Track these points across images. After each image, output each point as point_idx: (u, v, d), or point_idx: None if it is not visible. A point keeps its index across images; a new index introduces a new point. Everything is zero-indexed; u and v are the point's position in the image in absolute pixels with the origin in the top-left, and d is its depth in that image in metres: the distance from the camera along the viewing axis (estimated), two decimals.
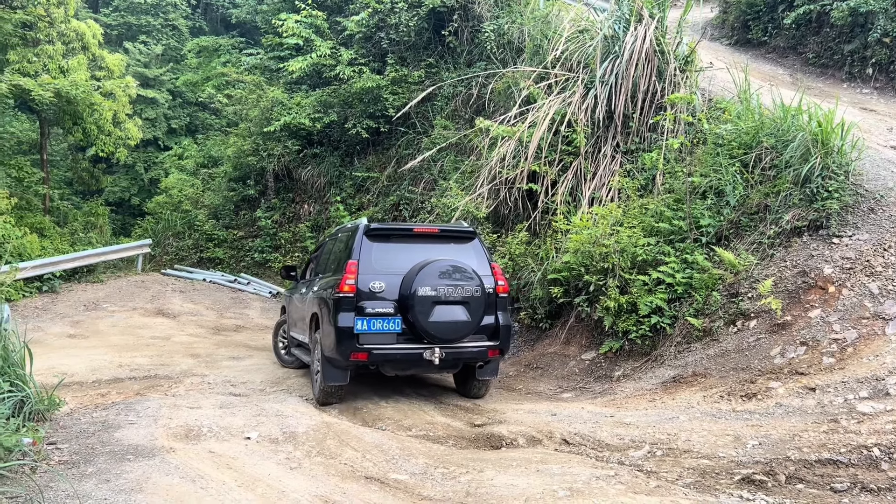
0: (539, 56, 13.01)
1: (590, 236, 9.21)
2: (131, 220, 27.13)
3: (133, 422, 7.51)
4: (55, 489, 5.36)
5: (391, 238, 7.80)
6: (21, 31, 21.27)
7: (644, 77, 11.03)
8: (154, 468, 6.00)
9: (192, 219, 21.14)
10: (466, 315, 7.40)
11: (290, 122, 17.95)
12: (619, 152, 11.12)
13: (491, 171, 11.73)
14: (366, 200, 17.61)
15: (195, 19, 34.70)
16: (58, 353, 11.07)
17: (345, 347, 7.30)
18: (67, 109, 20.83)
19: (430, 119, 16.35)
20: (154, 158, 29.56)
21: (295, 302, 9.77)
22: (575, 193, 10.99)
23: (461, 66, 16.50)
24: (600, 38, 11.50)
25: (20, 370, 7.25)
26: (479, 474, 5.71)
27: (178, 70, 31.84)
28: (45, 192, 22.28)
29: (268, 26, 21.86)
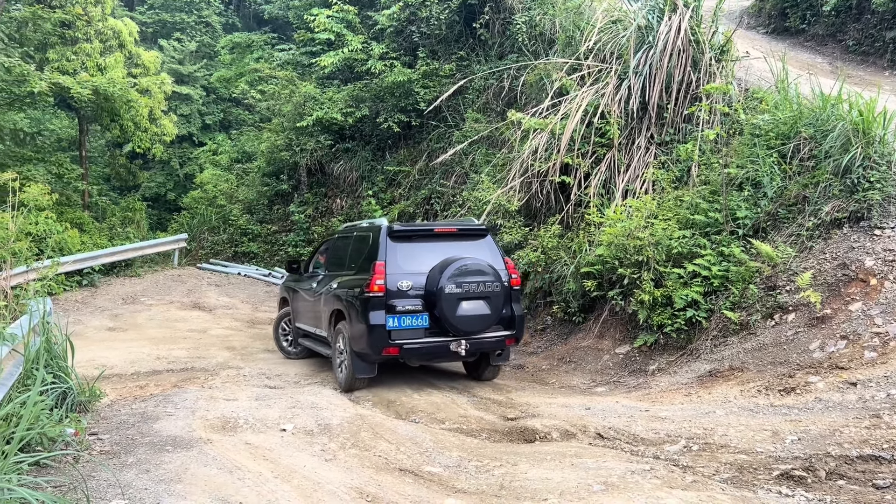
0: (571, 47, 12.89)
1: (624, 229, 9.12)
2: (167, 215, 27.56)
3: (171, 413, 7.64)
4: (97, 478, 5.49)
5: (413, 238, 8.24)
6: (60, 30, 21.71)
7: (679, 67, 10.87)
8: (192, 459, 6.11)
9: (227, 213, 21.41)
10: (488, 309, 7.92)
11: (322, 116, 18.06)
12: (653, 144, 10.99)
13: (523, 164, 11.67)
14: (397, 194, 17.66)
15: (228, 16, 35.05)
16: (98, 346, 11.30)
17: (377, 343, 7.73)
18: (105, 106, 21.20)
19: (462, 112, 16.32)
20: (189, 154, 29.95)
21: (303, 296, 10.02)
22: (608, 186, 10.89)
23: (492, 58, 16.43)
24: (634, 28, 11.36)
25: (62, 362, 7.43)
26: (513, 468, 5.70)
27: (211, 66, 32.20)
28: (85, 188, 22.74)
29: (299, 22, 21.99)
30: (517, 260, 11.17)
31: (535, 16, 14.71)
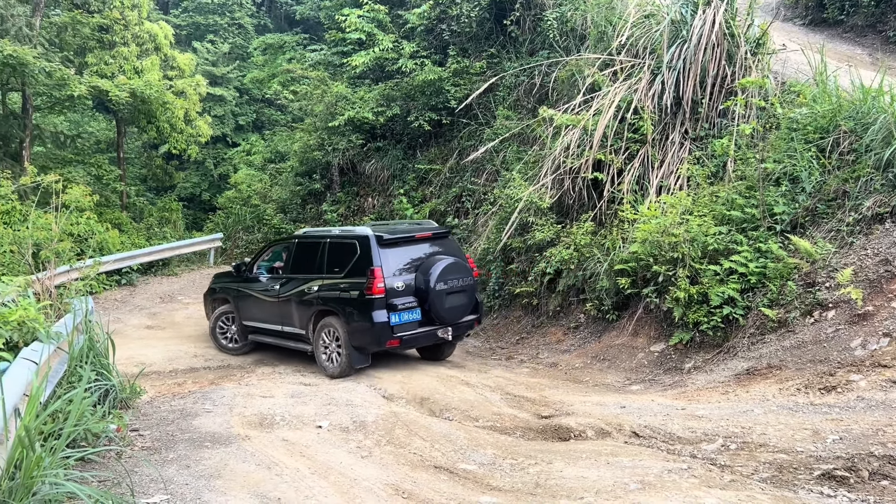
0: (603, 43, 12.78)
1: (658, 225, 9.03)
2: (202, 214, 27.97)
3: (209, 410, 7.78)
4: (139, 473, 5.61)
5: (397, 244, 9.26)
6: (98, 34, 22.17)
7: (713, 61, 10.72)
8: (231, 455, 6.21)
9: (261, 213, 21.65)
10: (466, 300, 9.52)
11: (353, 116, 18.14)
12: (687, 139, 10.85)
13: (555, 161, 11.61)
14: (428, 193, 17.68)
15: (260, 17, 35.42)
16: (136, 344, 11.53)
17: (382, 337, 8.88)
18: (142, 109, 21.61)
19: (493, 110, 16.28)
20: (223, 155, 30.36)
21: (257, 297, 10.70)
22: (642, 182, 10.78)
23: (523, 55, 16.35)
24: (667, 22, 11.22)
25: (105, 360, 7.61)
26: (548, 466, 5.70)
27: (244, 68, 32.57)
28: (123, 189, 23.21)
29: (330, 22, 22.11)
30: (549, 257, 11.14)
31: (567, 11, 14.61)
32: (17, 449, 3.89)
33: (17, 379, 4.72)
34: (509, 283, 12.50)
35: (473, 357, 10.86)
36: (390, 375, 9.12)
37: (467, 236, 15.28)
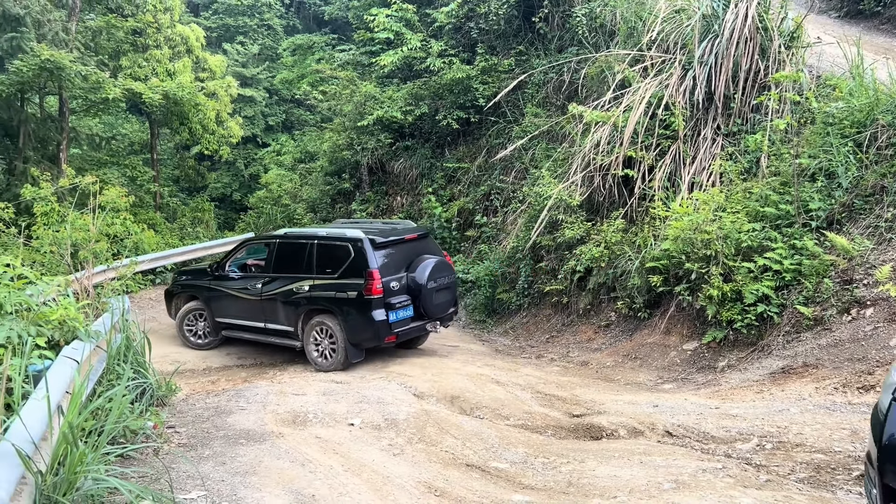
0: (633, 38, 12.68)
1: (691, 222, 8.94)
2: (234, 214, 28.31)
3: (243, 408, 7.87)
4: (177, 470, 5.70)
5: (387, 245, 9.75)
6: (132, 37, 22.54)
7: (746, 56, 10.57)
8: (265, 452, 6.29)
9: (292, 212, 21.85)
10: (451, 295, 10.41)
11: (382, 115, 18.23)
12: (719, 135, 10.72)
13: (584, 158, 11.55)
14: (456, 191, 17.69)
15: (289, 18, 35.71)
16: (171, 342, 11.70)
17: (381, 334, 9.44)
18: (175, 110, 21.94)
19: (521, 107, 16.24)
20: (253, 155, 30.68)
21: (234, 294, 10.97)
22: (673, 179, 10.68)
23: (552, 52, 16.28)
24: (698, 17, 11.09)
25: (141, 358, 7.74)
26: (581, 465, 5.68)
27: (273, 68, 32.88)
28: (156, 190, 23.59)
29: (359, 22, 22.23)
30: (580, 255, 11.09)
31: (596, 7, 14.51)
32: (61, 445, 3.99)
33: (60, 377, 4.84)
34: (539, 282, 12.47)
35: (503, 355, 10.86)
36: (420, 373, 9.16)
37: (496, 234, 15.27)
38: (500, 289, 13.33)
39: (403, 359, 10.01)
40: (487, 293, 13.53)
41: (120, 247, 11.50)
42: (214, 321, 11.29)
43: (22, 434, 3.77)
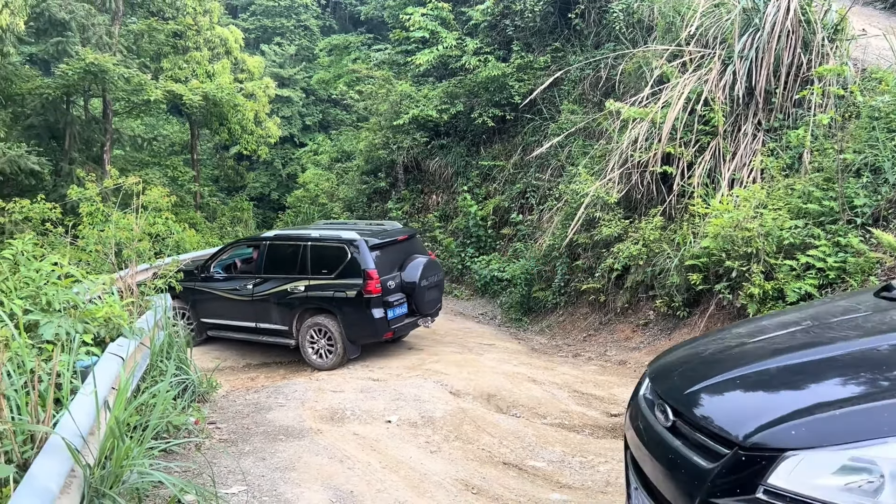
0: (671, 34, 12.50)
1: (731, 220, 8.78)
2: (271, 213, 28.69)
3: (282, 404, 7.98)
4: (218, 465, 5.81)
5: (381, 246, 10.07)
6: (172, 40, 22.97)
7: (787, 50, 10.34)
8: (304, 448, 6.37)
9: (329, 211, 22.07)
10: (438, 293, 10.98)
11: (418, 114, 18.30)
12: (760, 130, 10.51)
13: (622, 155, 11.43)
14: (492, 189, 17.67)
15: (325, 18, 36.05)
16: (211, 340, 11.88)
17: (380, 331, 9.86)
18: (214, 111, 22.32)
19: (557, 104, 16.14)
20: (290, 155, 31.06)
21: (223, 295, 11.19)
22: (713, 175, 10.51)
23: (588, 48, 16.16)
24: (738, 10, 10.89)
25: (183, 355, 7.89)
26: (619, 464, 5.63)
27: (310, 69, 33.21)
28: (197, 190, 24.01)
29: (394, 21, 22.34)
30: (617, 253, 10.99)
31: (633, 3, 14.35)
32: (108, 439, 4.10)
33: (107, 373, 4.96)
34: (575, 280, 12.39)
35: (539, 354, 10.82)
36: (456, 371, 9.17)
37: (532, 232, 15.21)
38: (536, 287, 13.28)
39: (439, 357, 10.05)
40: (523, 291, 13.49)
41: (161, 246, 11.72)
42: (199, 321, 11.54)
43: (71, 428, 3.88)
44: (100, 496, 3.93)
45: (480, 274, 15.61)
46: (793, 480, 2.27)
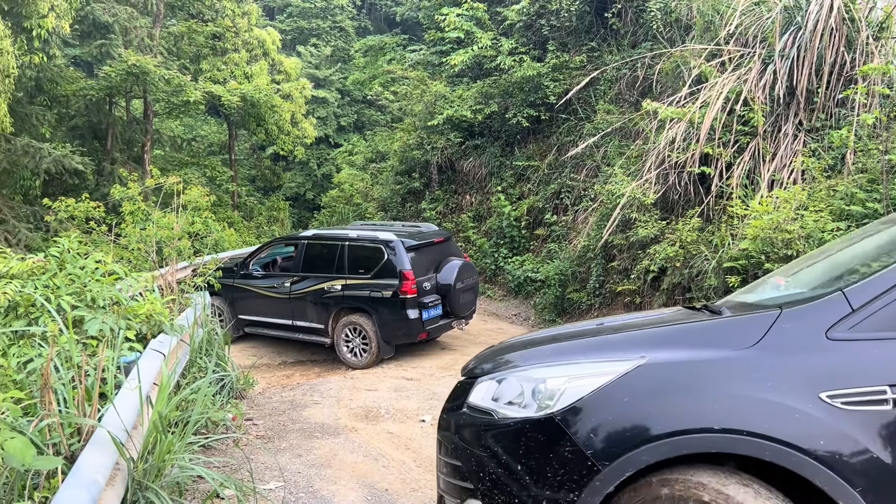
0: (710, 33, 12.33)
1: (771, 221, 8.63)
2: (307, 213, 28.98)
3: (318, 402, 8.07)
4: (255, 461, 5.90)
5: (418, 248, 10.22)
6: (211, 41, 23.34)
7: (830, 48, 10.13)
8: (340, 446, 6.43)
9: (363, 211, 22.22)
10: (473, 295, 11.10)
11: (452, 114, 18.33)
12: (801, 131, 10.32)
13: (659, 155, 11.30)
14: (526, 189, 17.61)
15: (360, 20, 36.28)
16: (247, 337, 12.06)
17: (415, 331, 9.99)
18: (252, 112, 22.62)
19: (593, 104, 16.04)
20: (326, 155, 31.32)
21: (261, 292, 11.40)
22: (752, 176, 10.34)
23: (625, 48, 16.02)
24: (780, 9, 10.70)
25: (221, 352, 8.03)
26: None
27: (345, 70, 33.45)
28: (234, 190, 24.35)
29: (429, 22, 22.40)
30: (654, 255, 10.87)
31: (671, 2, 14.20)
32: (151, 434, 4.19)
33: (149, 368, 5.07)
34: (610, 281, 12.29)
35: None
36: None
37: (566, 233, 15.13)
38: (571, 288, 13.21)
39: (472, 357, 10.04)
40: (557, 292, 13.43)
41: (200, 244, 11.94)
42: (237, 318, 11.71)
43: (116, 422, 3.98)
44: (142, 489, 4.02)
45: (514, 274, 15.58)
46: (476, 397, 3.34)
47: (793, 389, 2.64)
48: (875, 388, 2.55)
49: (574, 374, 3.03)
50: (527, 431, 3.00)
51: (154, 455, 4.20)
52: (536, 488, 2.91)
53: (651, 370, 2.88)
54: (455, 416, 3.46)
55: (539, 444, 2.95)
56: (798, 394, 2.62)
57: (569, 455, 2.85)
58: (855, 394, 2.57)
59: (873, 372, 2.60)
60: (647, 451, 2.70)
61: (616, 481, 2.75)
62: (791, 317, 2.85)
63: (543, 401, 3.02)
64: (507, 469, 3.03)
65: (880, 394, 2.54)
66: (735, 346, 2.85)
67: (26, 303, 5.71)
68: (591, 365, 3.04)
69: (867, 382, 2.58)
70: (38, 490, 3.54)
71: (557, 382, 3.02)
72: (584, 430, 2.85)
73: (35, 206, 18.26)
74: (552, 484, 2.87)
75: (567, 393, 2.96)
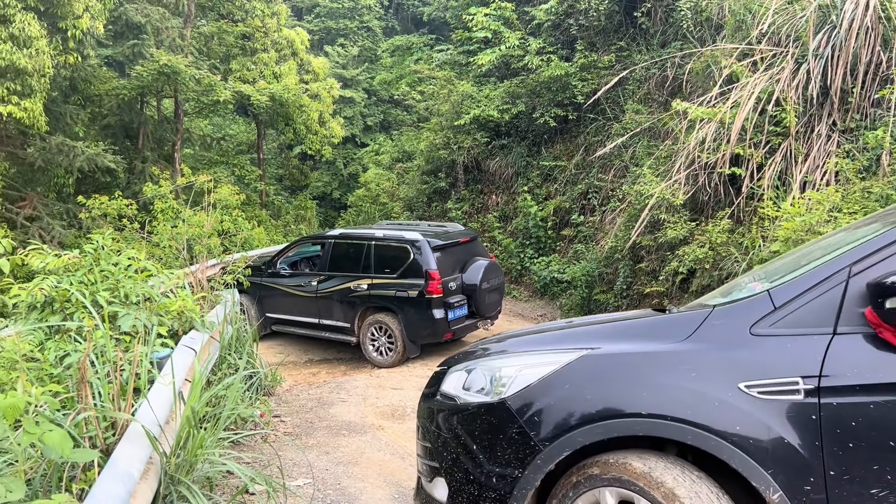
0: (742, 32, 12.18)
1: (803, 223, 8.50)
2: (333, 212, 29.15)
3: (344, 400, 8.11)
4: (283, 457, 5.95)
5: (444, 248, 10.22)
6: (241, 41, 23.57)
7: (866, 47, 9.95)
8: (367, 444, 6.46)
9: (389, 211, 22.30)
10: (499, 295, 11.05)
11: (479, 114, 18.31)
12: (835, 131, 10.15)
13: (688, 156, 11.19)
14: (553, 190, 17.54)
15: (387, 20, 36.39)
16: (273, 335, 12.16)
17: (441, 331, 9.96)
18: (280, 112, 22.81)
19: (621, 104, 15.93)
20: (352, 154, 31.48)
21: (289, 291, 11.47)
22: (784, 177, 10.19)
23: (654, 47, 15.88)
24: (814, 7, 10.53)
25: (250, 349, 8.10)
26: None
27: (372, 70, 33.58)
28: (262, 189, 24.58)
29: (457, 22, 22.40)
30: (682, 256, 10.77)
31: (701, 1, 14.05)
32: (184, 428, 4.25)
33: (181, 364, 5.14)
34: (638, 283, 12.20)
35: None
36: None
37: (593, 234, 15.04)
38: (597, 289, 13.13)
39: None
40: (583, 294, 13.36)
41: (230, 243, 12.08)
42: (265, 316, 11.78)
43: (149, 417, 4.04)
44: (175, 483, 4.08)
45: (540, 275, 15.52)
46: (447, 385, 3.63)
47: (715, 380, 2.87)
48: (789, 379, 2.76)
49: (525, 363, 3.34)
50: (482, 414, 3.32)
51: (186, 450, 4.26)
52: (488, 465, 3.21)
53: (591, 360, 3.16)
54: (429, 402, 3.78)
55: (491, 426, 3.26)
56: (719, 384, 2.85)
57: (515, 436, 3.14)
58: (770, 384, 2.78)
59: (788, 364, 2.79)
60: (582, 433, 2.98)
61: (555, 460, 3.04)
62: (721, 314, 3.08)
63: (497, 387, 3.33)
64: (465, 448, 3.36)
65: (793, 384, 2.75)
66: (669, 340, 3.09)
67: (62, 298, 5.82)
68: (541, 355, 3.34)
69: (782, 374, 2.78)
70: (74, 482, 3.61)
71: (511, 371, 3.34)
72: (528, 413, 3.14)
73: (68, 204, 18.61)
74: (501, 461, 3.17)
75: (517, 380, 3.27)
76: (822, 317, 2.82)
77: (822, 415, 2.69)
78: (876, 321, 2.71)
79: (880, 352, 2.70)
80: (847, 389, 2.68)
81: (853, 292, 2.80)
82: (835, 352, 2.74)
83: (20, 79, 14.47)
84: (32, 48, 14.23)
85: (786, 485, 2.70)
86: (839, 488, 2.66)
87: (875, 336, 2.72)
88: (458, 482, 3.38)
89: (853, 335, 2.76)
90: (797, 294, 2.91)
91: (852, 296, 2.79)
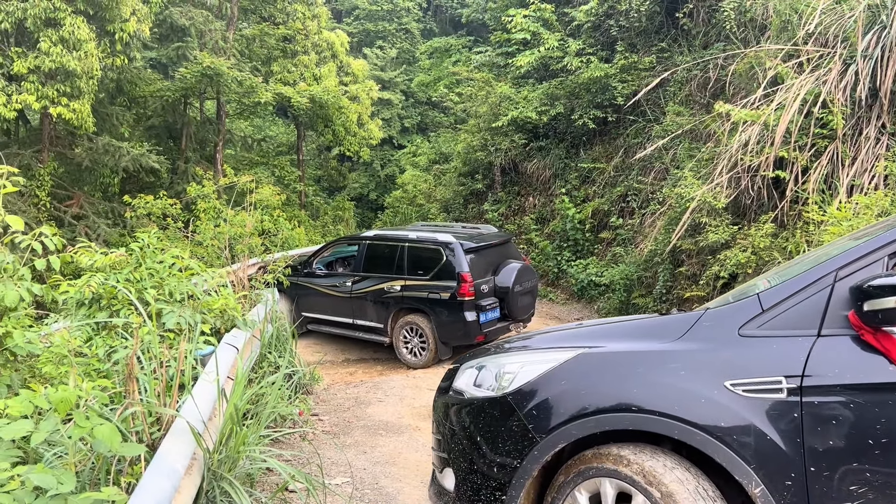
0: (787, 32, 11.94)
1: (850, 228, 8.30)
2: (370, 213, 29.33)
3: (381, 400, 8.16)
4: (322, 456, 6.01)
5: (477, 250, 10.19)
6: (282, 44, 23.88)
7: None
8: (403, 444, 6.49)
9: (426, 212, 22.36)
10: (532, 298, 10.97)
11: (517, 116, 18.26)
12: (885, 134, 9.89)
13: (731, 159, 11.01)
14: (591, 192, 17.40)
15: (426, 21, 36.50)
16: (310, 334, 12.27)
17: (472, 334, 9.91)
18: (320, 113, 23.04)
19: (662, 106, 15.74)
20: (389, 156, 31.63)
21: (324, 291, 11.57)
22: (830, 181, 9.96)
23: (696, 48, 15.66)
24: (863, 7, 10.28)
25: (290, 347, 8.20)
26: None
27: (410, 71, 33.71)
28: (302, 189, 24.85)
29: (496, 23, 22.38)
30: (724, 260, 10.60)
31: (745, 1, 13.81)
32: (227, 425, 4.32)
33: (223, 362, 5.23)
34: (678, 287, 12.04)
35: None
36: None
37: (632, 237, 14.89)
38: (636, 293, 12.99)
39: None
40: (622, 297, 13.23)
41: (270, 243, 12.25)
42: (301, 316, 11.83)
43: (194, 413, 4.12)
44: (217, 479, 4.15)
45: (577, 278, 15.42)
46: (459, 381, 3.85)
47: (702, 378, 3.01)
48: (772, 378, 2.87)
49: (528, 360, 3.54)
50: (486, 408, 3.54)
51: (228, 446, 4.32)
52: (491, 455, 3.43)
53: (587, 358, 3.33)
54: (442, 397, 4.03)
55: (494, 419, 3.47)
56: (706, 382, 2.99)
57: (515, 428, 3.34)
58: (755, 383, 2.90)
59: (773, 364, 2.90)
60: (576, 426, 3.15)
61: (551, 451, 3.22)
62: (712, 315, 3.22)
63: (502, 383, 3.54)
64: (470, 439, 3.58)
65: (776, 383, 2.86)
66: (663, 340, 3.22)
67: (109, 295, 5.96)
68: (542, 353, 3.55)
69: (766, 373, 2.90)
70: (122, 475, 3.69)
71: (514, 367, 3.54)
72: (527, 407, 3.34)
73: (113, 203, 19.05)
74: (502, 452, 3.38)
75: (519, 376, 3.47)
76: (807, 319, 2.93)
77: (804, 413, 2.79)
78: (858, 323, 2.79)
79: (862, 353, 2.78)
80: (828, 389, 2.78)
81: (838, 296, 2.89)
82: (818, 353, 2.84)
83: (69, 81, 14.86)
84: (81, 51, 14.60)
85: (767, 479, 2.79)
86: (819, 484, 2.74)
87: (857, 338, 2.81)
88: (463, 471, 3.59)
89: (837, 337, 2.86)
90: (785, 297, 3.02)
91: (837, 299, 2.89)
